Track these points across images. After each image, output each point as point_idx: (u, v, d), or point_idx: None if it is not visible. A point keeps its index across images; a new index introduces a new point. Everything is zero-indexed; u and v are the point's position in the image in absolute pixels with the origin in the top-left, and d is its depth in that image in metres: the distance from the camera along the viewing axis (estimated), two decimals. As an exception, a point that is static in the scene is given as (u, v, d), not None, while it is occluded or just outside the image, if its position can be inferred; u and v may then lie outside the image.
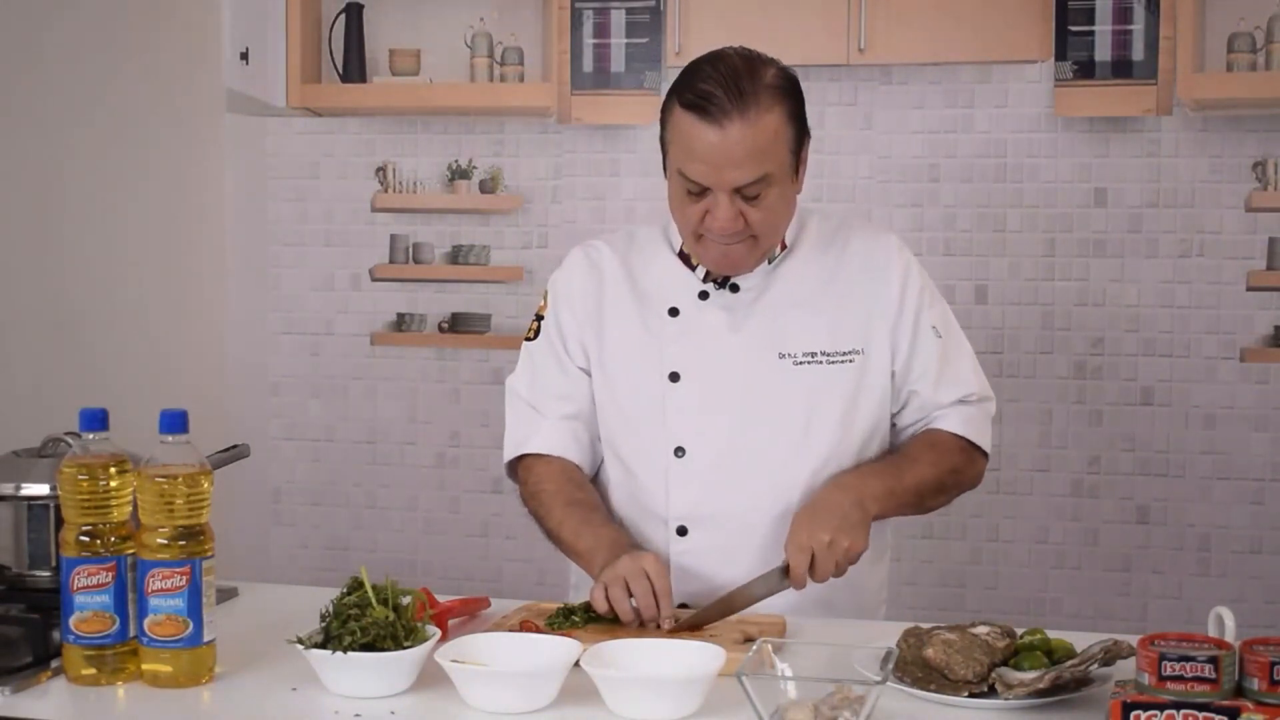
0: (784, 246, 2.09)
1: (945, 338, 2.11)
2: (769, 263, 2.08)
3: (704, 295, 2.09)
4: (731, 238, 1.97)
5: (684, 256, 2.11)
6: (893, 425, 2.15)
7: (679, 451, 2.06)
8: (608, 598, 1.86)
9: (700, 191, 1.95)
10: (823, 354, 2.05)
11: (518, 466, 2.18)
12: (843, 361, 2.06)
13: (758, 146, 1.92)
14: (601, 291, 2.14)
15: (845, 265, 2.10)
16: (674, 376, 2.07)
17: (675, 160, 1.97)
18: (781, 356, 2.05)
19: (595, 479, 2.17)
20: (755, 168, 1.92)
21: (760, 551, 2.01)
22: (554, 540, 2.09)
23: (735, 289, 2.08)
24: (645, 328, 2.10)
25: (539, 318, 2.19)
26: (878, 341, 2.08)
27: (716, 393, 2.05)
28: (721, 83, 1.91)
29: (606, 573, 1.88)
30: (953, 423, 2.10)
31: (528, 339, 2.20)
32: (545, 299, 2.19)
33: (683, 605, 1.96)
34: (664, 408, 2.06)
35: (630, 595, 1.85)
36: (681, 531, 2.06)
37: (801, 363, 2.05)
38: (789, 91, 1.97)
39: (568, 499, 2.07)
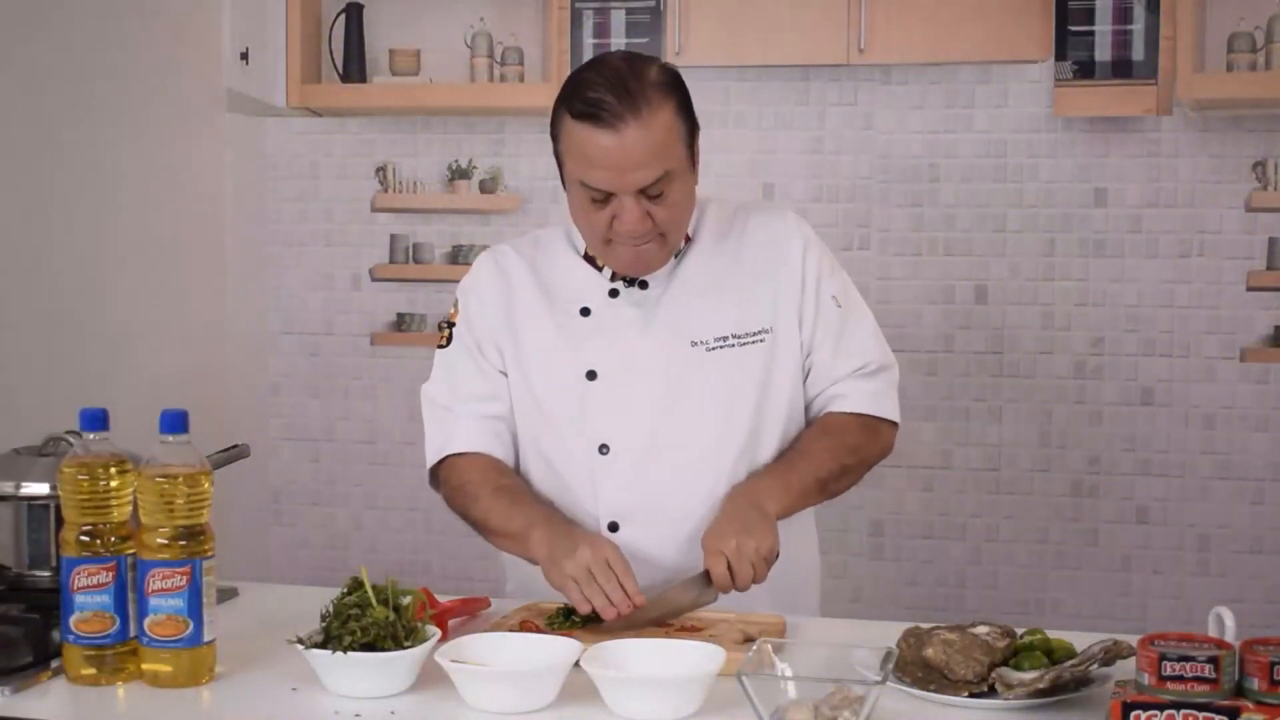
0: (687, 239, 2.12)
1: (844, 307, 2.14)
2: (675, 257, 2.10)
3: (614, 294, 2.11)
4: (641, 238, 1.99)
5: (590, 258, 2.13)
6: None
7: (603, 449, 2.07)
8: (586, 597, 1.86)
9: (604, 198, 1.97)
10: (733, 337, 2.08)
11: (439, 471, 2.16)
12: (753, 342, 2.08)
13: (655, 145, 1.94)
14: (511, 295, 2.15)
15: (746, 247, 2.13)
16: (591, 375, 2.08)
17: (574, 171, 1.99)
18: (694, 345, 2.07)
19: None
20: (656, 166, 1.94)
21: (690, 539, 2.02)
22: (482, 530, 2.08)
23: (644, 285, 2.10)
24: (558, 329, 2.11)
25: (450, 325, 2.19)
26: (785, 316, 2.10)
27: (634, 388, 2.07)
28: (609, 87, 1.93)
29: (568, 566, 1.87)
30: (852, 401, 2.12)
31: (441, 346, 2.19)
32: (455, 306, 2.19)
33: None
34: (584, 406, 2.08)
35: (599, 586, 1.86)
36: (613, 528, 2.07)
37: (714, 348, 2.07)
38: (675, 87, 2.00)
39: (494, 486, 2.07)
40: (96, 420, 1.71)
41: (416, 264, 3.87)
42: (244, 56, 3.67)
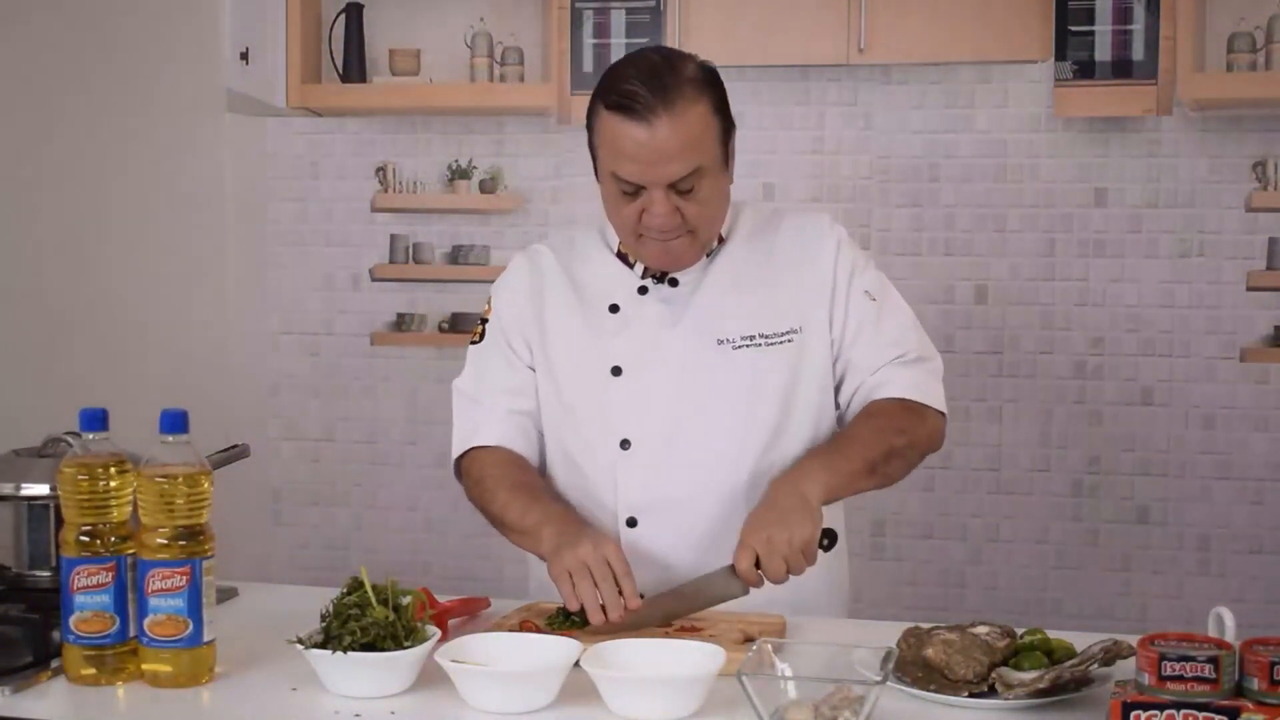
0: (720, 239, 2.13)
1: (880, 301, 2.13)
2: (707, 256, 2.11)
3: (643, 290, 2.12)
4: (670, 233, 2.00)
5: (622, 256, 2.14)
6: (837, 405, 2.15)
7: (624, 444, 2.08)
8: (576, 594, 1.85)
9: (635, 191, 1.98)
10: (761, 336, 2.08)
11: (462, 463, 2.18)
12: (781, 342, 2.08)
13: (687, 140, 1.94)
14: (543, 292, 2.17)
15: (779, 247, 2.13)
16: (616, 370, 2.09)
17: (607, 163, 2.00)
18: (720, 343, 2.07)
19: (541, 475, 2.18)
20: (687, 161, 1.95)
21: (709, 536, 2.03)
22: (499, 525, 2.09)
23: (674, 283, 2.11)
24: (587, 325, 2.12)
25: (483, 321, 2.22)
26: (815, 317, 2.10)
27: (657, 384, 2.08)
28: (643, 80, 1.94)
29: (567, 557, 1.87)
30: (893, 389, 2.09)
31: (473, 342, 2.22)
32: (490, 303, 2.23)
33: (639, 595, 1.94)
34: (607, 402, 2.09)
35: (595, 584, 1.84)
36: (631, 523, 2.08)
37: (740, 347, 2.07)
38: (711, 84, 2.00)
39: (513, 482, 2.08)
40: (96, 420, 1.71)
41: (416, 264, 3.87)
42: (244, 56, 3.67)
